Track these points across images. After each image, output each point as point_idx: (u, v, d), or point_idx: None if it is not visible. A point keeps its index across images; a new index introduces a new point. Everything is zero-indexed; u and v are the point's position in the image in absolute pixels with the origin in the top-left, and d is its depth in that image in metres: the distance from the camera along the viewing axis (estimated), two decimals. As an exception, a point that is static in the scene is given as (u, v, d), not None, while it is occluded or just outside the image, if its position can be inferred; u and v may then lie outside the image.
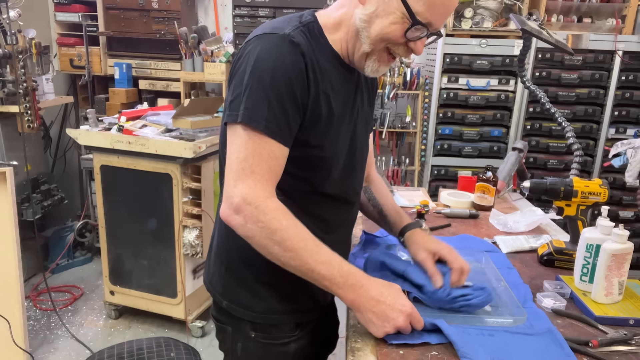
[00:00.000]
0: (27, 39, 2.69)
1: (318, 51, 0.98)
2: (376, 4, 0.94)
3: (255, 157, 0.92)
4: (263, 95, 0.91)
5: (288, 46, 0.93)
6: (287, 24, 0.97)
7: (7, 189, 2.09)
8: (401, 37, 0.95)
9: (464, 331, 0.98)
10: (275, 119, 0.92)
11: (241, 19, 3.01)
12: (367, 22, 0.95)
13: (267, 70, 0.91)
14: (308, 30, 0.98)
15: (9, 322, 2.09)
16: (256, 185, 0.91)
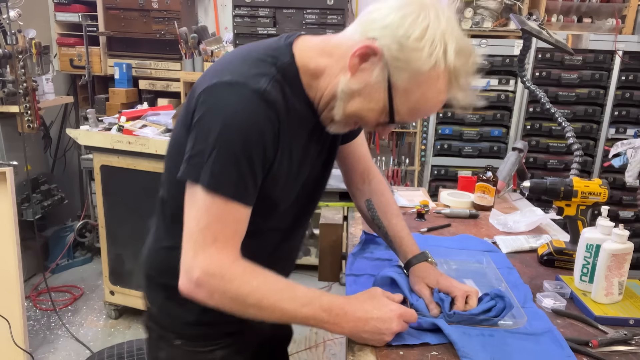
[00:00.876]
0: (27, 39, 2.69)
1: (291, 99, 0.89)
2: (364, 83, 0.86)
3: (219, 223, 0.85)
4: (233, 161, 0.83)
5: (263, 106, 0.83)
6: (261, 70, 0.86)
7: (7, 189, 2.09)
8: (373, 124, 0.91)
9: (464, 331, 0.98)
10: (245, 183, 0.85)
11: (241, 19, 3.01)
12: (348, 96, 0.88)
13: (239, 133, 0.82)
14: (283, 77, 0.88)
15: (9, 322, 2.09)
16: (220, 253, 0.85)
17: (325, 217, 1.64)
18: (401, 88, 0.85)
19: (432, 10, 0.82)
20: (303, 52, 0.91)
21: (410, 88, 0.84)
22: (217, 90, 0.85)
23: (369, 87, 0.86)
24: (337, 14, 2.93)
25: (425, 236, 1.55)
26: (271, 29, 3.00)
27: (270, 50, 0.91)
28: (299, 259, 3.40)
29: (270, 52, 0.90)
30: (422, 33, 0.81)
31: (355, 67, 0.85)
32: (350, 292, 1.16)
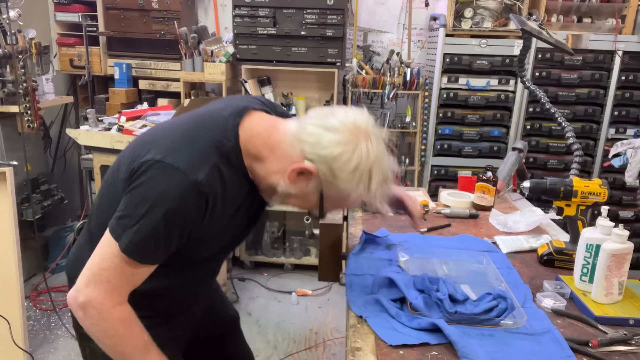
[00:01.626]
0: (27, 39, 2.69)
1: (231, 178, 0.99)
2: (300, 191, 1.00)
3: (117, 272, 0.95)
4: (153, 235, 0.93)
5: (195, 196, 0.93)
6: (203, 158, 0.95)
7: (7, 189, 2.08)
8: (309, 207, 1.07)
9: (464, 331, 0.98)
10: (156, 254, 0.96)
11: (241, 19, 3.01)
12: (287, 195, 1.03)
13: (165, 213, 0.92)
14: (227, 160, 0.98)
15: (9, 322, 2.09)
16: (106, 294, 0.95)
17: (325, 217, 1.64)
18: (330, 197, 1.01)
19: (364, 144, 0.95)
20: (247, 138, 1.01)
21: (338, 198, 1.01)
22: (160, 169, 0.93)
23: (304, 193, 1.01)
24: (337, 14, 2.93)
25: (425, 236, 1.55)
26: (271, 29, 3.00)
27: (216, 134, 1.00)
28: (299, 259, 3.40)
29: (215, 137, 0.99)
30: (354, 168, 0.95)
31: (293, 179, 0.99)
32: (350, 292, 1.16)
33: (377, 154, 0.97)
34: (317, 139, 0.96)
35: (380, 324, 1.02)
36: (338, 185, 0.97)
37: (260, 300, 3.05)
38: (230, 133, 1.00)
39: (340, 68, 3.07)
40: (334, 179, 0.96)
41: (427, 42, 3.40)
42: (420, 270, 1.21)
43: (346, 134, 0.95)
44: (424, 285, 1.09)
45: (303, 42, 3.02)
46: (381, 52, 3.43)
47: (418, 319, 1.02)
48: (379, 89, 3.07)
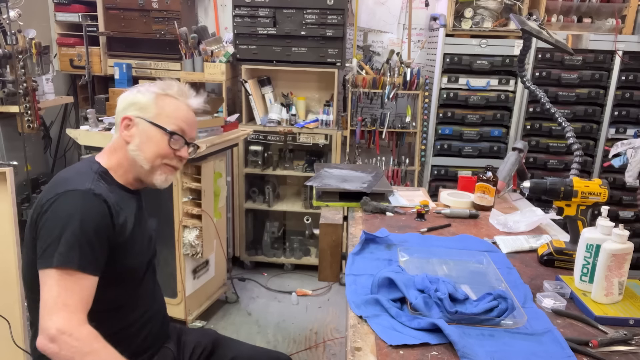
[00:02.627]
0: (27, 39, 2.69)
1: (113, 191, 1.22)
2: (138, 136, 1.25)
3: (67, 291, 1.07)
4: (75, 241, 1.09)
5: (92, 198, 1.14)
6: (85, 178, 1.19)
7: (7, 189, 2.08)
8: (166, 146, 1.26)
9: (464, 331, 0.98)
10: (85, 256, 1.09)
11: (241, 19, 3.01)
12: (139, 150, 1.25)
13: (76, 222, 1.10)
14: (100, 177, 1.23)
15: (9, 322, 2.09)
16: (69, 316, 1.05)
17: (325, 217, 1.64)
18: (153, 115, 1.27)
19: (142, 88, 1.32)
20: (102, 158, 1.29)
21: (157, 111, 1.27)
22: (59, 197, 1.13)
23: (143, 134, 1.26)
24: (337, 14, 2.93)
25: (425, 236, 1.55)
26: (271, 29, 3.00)
27: (84, 166, 1.26)
28: (299, 259, 3.40)
29: (84, 166, 1.26)
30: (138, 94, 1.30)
31: (127, 136, 1.26)
32: (350, 292, 1.16)
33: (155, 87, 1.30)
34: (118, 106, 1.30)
35: (380, 324, 1.02)
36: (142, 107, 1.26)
37: (260, 300, 3.05)
38: (91, 162, 1.28)
39: (340, 68, 3.07)
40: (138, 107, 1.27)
41: (427, 42, 3.40)
42: (420, 270, 1.21)
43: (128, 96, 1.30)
44: (424, 285, 1.09)
45: (303, 42, 3.02)
46: (381, 52, 3.44)
47: (418, 319, 1.02)
48: (379, 89, 3.07)
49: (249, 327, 2.75)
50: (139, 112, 1.27)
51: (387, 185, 1.92)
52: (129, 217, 1.25)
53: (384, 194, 1.86)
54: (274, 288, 3.19)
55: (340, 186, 1.83)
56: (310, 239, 3.43)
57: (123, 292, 1.27)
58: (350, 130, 3.15)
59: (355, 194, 1.80)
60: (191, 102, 1.34)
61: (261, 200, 3.36)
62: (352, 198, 1.80)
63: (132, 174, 1.29)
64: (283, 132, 3.13)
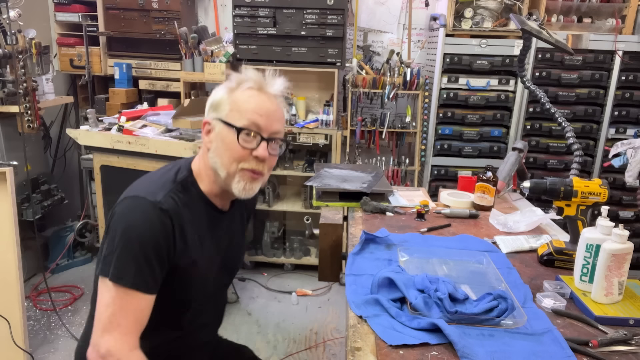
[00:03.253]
0: (27, 39, 2.69)
1: (190, 205, 1.13)
2: (215, 141, 1.13)
3: (122, 311, 1.03)
4: (132, 257, 1.03)
5: (157, 213, 1.05)
6: (161, 187, 1.11)
7: (7, 189, 2.09)
8: (238, 147, 1.10)
9: (464, 331, 0.98)
10: (142, 275, 1.04)
11: (241, 19, 3.01)
12: (217, 156, 1.12)
13: (136, 235, 1.04)
14: (182, 188, 1.13)
15: (9, 322, 2.09)
16: (121, 339, 1.02)
17: (325, 217, 1.64)
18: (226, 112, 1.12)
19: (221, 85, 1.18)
20: (195, 164, 1.20)
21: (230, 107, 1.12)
22: (125, 203, 1.08)
23: (219, 138, 1.12)
24: (337, 14, 2.93)
25: (425, 236, 1.55)
26: (271, 29, 3.00)
27: (172, 171, 1.17)
28: (299, 259, 3.40)
29: (171, 173, 1.16)
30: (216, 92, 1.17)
31: (207, 142, 1.15)
32: (350, 292, 1.16)
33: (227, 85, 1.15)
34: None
35: (380, 324, 1.02)
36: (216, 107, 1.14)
37: (260, 300, 3.05)
38: (184, 167, 1.18)
39: (340, 68, 3.07)
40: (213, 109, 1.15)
41: (427, 42, 3.40)
42: (420, 270, 1.21)
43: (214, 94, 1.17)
44: (424, 285, 1.09)
45: (303, 42, 3.02)
46: (381, 52, 3.44)
47: (418, 319, 1.02)
48: (379, 89, 3.07)
49: (249, 327, 2.75)
50: (215, 112, 1.14)
51: (387, 185, 1.92)
52: (201, 240, 1.15)
53: (384, 194, 1.86)
54: (274, 288, 3.19)
55: (340, 186, 1.83)
56: (310, 239, 3.41)
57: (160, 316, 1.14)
58: (350, 130, 3.15)
59: (355, 194, 1.79)
60: (270, 89, 1.15)
61: (261, 200, 3.36)
62: (352, 198, 1.80)
63: (217, 185, 1.16)
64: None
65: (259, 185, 1.16)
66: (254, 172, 1.12)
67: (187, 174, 1.16)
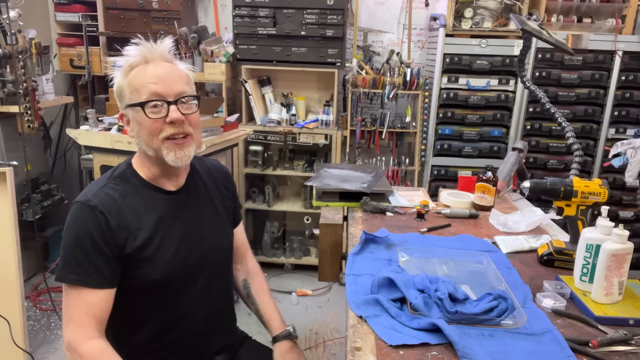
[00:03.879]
0: (27, 39, 2.69)
1: (132, 194, 1.18)
2: (133, 127, 1.17)
3: (72, 306, 1.10)
4: (71, 257, 1.10)
5: (87, 210, 1.12)
6: (94, 187, 1.18)
7: (7, 189, 2.08)
8: (150, 122, 1.12)
9: (464, 331, 0.98)
10: (85, 271, 1.10)
11: (241, 19, 3.01)
12: (140, 139, 1.16)
13: (72, 235, 1.12)
14: (120, 180, 1.19)
15: (9, 322, 2.09)
16: (76, 331, 1.09)
17: (325, 217, 1.64)
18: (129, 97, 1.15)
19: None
20: (135, 158, 1.25)
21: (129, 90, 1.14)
22: (70, 208, 1.16)
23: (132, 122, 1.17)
24: (337, 14, 2.93)
25: (425, 236, 1.55)
26: (271, 29, 3.00)
27: (113, 169, 1.23)
28: (299, 259, 3.40)
29: (111, 170, 1.23)
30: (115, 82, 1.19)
31: (129, 132, 1.19)
32: (350, 292, 1.16)
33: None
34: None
35: (380, 324, 1.02)
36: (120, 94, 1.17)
37: (260, 300, 3.05)
38: (123, 164, 1.24)
39: (340, 68, 3.07)
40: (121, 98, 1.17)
41: (427, 42, 3.40)
42: (420, 270, 1.21)
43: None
44: (424, 285, 1.09)
45: (303, 42, 3.02)
46: (381, 52, 3.44)
47: (418, 319, 1.02)
48: (379, 89, 3.07)
49: (249, 327, 2.73)
50: (121, 102, 1.18)
51: (387, 185, 1.92)
52: (148, 223, 1.17)
53: (384, 194, 1.86)
54: (274, 288, 3.19)
55: (340, 186, 1.82)
56: (310, 239, 3.43)
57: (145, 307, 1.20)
58: (350, 130, 3.15)
59: (355, 194, 1.79)
60: (155, 55, 1.14)
61: (261, 200, 3.36)
62: (352, 198, 1.80)
63: (156, 167, 1.20)
64: (283, 132, 3.13)
65: (192, 148, 1.18)
66: (176, 137, 1.15)
67: (125, 168, 1.23)
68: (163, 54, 1.16)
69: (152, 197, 1.21)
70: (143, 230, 1.16)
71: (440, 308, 1.04)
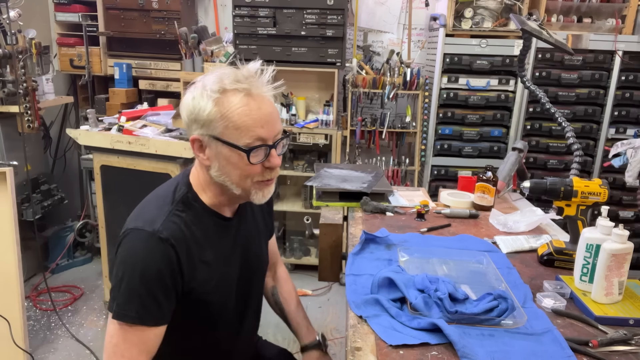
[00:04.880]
0: (27, 39, 2.69)
1: (195, 222, 1.08)
2: (216, 159, 1.04)
3: (125, 343, 1.01)
4: (134, 293, 1.00)
5: (157, 243, 1.00)
6: (159, 211, 1.05)
7: (7, 189, 2.09)
8: (248, 166, 1.02)
9: (464, 331, 0.98)
10: (146, 310, 1.00)
11: (241, 19, 3.01)
12: (224, 175, 1.05)
13: (137, 269, 0.99)
14: (183, 206, 1.08)
15: (9, 322, 2.09)
16: None
17: (325, 217, 1.64)
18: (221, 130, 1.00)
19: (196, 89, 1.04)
20: (193, 176, 1.13)
21: (224, 123, 1.00)
22: (127, 237, 1.03)
23: (220, 158, 1.03)
24: (337, 14, 2.93)
25: (425, 236, 1.55)
26: (271, 29, 3.00)
27: (171, 188, 1.11)
28: (299, 259, 3.40)
29: (171, 186, 1.12)
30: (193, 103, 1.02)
31: (204, 159, 1.05)
32: (350, 292, 1.16)
33: (206, 80, 1.03)
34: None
35: (380, 324, 1.02)
36: (203, 122, 1.01)
37: (260, 300, 3.05)
38: (181, 183, 1.12)
39: (340, 68, 3.07)
40: (201, 123, 1.02)
41: (427, 42, 3.40)
42: (420, 270, 1.21)
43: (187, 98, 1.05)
44: (424, 285, 1.09)
45: (303, 42, 3.02)
46: (381, 52, 3.44)
47: (418, 319, 1.02)
48: (379, 89, 3.07)
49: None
50: (204, 128, 1.02)
51: (387, 185, 1.92)
52: (211, 255, 1.10)
53: (384, 194, 1.86)
54: (274, 288, 3.18)
55: (340, 186, 1.82)
56: (310, 239, 3.41)
57: (192, 339, 1.16)
58: (350, 130, 3.15)
59: (355, 194, 1.79)
60: (259, 89, 1.02)
61: (261, 200, 3.35)
62: (352, 198, 1.80)
63: (225, 197, 1.11)
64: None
65: (274, 184, 1.12)
66: (270, 180, 1.08)
67: (186, 190, 1.10)
68: (268, 90, 1.04)
69: (213, 225, 1.12)
70: (207, 262, 1.09)
71: (440, 308, 1.04)
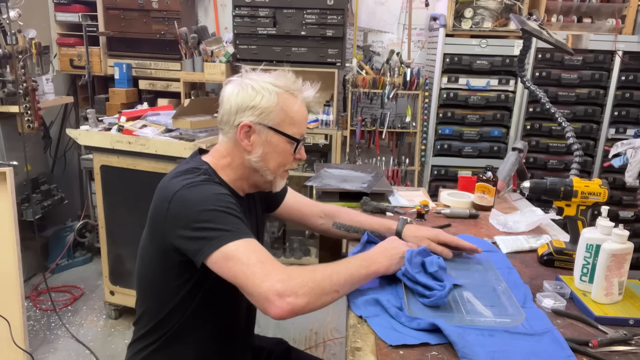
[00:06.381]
0: (27, 39, 2.69)
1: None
2: (262, 147, 1.16)
3: (256, 252, 1.01)
4: (228, 217, 1.04)
5: (214, 185, 1.11)
6: (195, 175, 1.12)
7: (7, 189, 2.09)
8: (291, 156, 1.19)
9: (463, 331, 0.98)
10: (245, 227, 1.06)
11: (241, 19, 3.01)
12: (263, 161, 1.17)
13: (213, 202, 1.05)
14: (209, 175, 1.15)
15: (9, 322, 2.09)
16: (274, 267, 0.99)
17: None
18: (278, 121, 1.15)
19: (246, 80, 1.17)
20: (210, 158, 1.21)
21: (281, 116, 1.15)
22: (175, 197, 1.06)
23: (267, 144, 1.16)
24: (337, 14, 2.93)
25: (425, 236, 1.55)
26: (271, 29, 3.00)
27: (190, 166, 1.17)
28: (299, 259, 3.41)
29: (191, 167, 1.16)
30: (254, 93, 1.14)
31: (248, 145, 1.15)
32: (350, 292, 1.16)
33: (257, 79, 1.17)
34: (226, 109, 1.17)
35: (380, 324, 1.02)
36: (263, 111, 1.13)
37: (260, 300, 3.05)
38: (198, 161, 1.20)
39: (340, 68, 3.07)
40: (258, 111, 1.13)
41: (427, 42, 3.40)
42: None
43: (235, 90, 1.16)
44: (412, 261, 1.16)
45: (303, 42, 3.02)
46: (381, 52, 3.44)
47: (418, 319, 1.02)
48: (379, 89, 3.07)
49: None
50: (259, 117, 1.13)
51: (387, 185, 1.92)
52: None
53: (384, 194, 1.86)
54: (274, 288, 3.18)
55: (340, 186, 1.83)
56: (310, 239, 3.43)
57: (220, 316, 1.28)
58: (350, 130, 3.15)
59: (355, 194, 1.79)
60: (307, 96, 1.21)
61: (261, 200, 3.35)
62: (352, 198, 1.80)
63: (249, 182, 1.22)
64: (283, 132, 3.13)
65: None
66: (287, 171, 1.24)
67: (207, 167, 1.18)
68: (314, 97, 1.23)
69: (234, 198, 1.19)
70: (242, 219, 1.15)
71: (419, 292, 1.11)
